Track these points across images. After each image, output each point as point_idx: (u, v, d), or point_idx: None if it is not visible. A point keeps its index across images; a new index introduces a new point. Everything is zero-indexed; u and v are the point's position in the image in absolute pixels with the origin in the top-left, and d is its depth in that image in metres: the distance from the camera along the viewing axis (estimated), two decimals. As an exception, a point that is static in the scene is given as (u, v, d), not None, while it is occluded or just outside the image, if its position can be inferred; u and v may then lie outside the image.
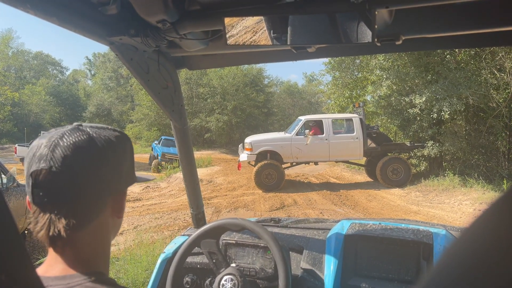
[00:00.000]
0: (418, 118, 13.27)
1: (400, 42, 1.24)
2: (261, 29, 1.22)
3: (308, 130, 12.35)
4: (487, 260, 0.24)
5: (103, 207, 0.75)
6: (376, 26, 1.08)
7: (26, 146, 18.96)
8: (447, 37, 1.31)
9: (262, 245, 1.73)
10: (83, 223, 0.72)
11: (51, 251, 0.73)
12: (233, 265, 1.63)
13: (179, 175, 13.69)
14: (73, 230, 0.70)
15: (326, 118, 12.74)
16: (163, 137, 21.82)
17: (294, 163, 12.91)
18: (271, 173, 11.84)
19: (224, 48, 1.46)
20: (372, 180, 13.48)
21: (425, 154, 13.00)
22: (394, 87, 14.04)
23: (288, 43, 1.16)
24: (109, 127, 0.79)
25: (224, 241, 1.81)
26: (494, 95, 11.94)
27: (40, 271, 0.71)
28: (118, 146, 0.76)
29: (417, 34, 1.26)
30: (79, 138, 0.71)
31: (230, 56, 1.68)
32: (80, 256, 0.73)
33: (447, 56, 12.71)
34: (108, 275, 0.77)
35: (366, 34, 1.11)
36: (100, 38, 1.27)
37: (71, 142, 0.70)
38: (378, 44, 1.24)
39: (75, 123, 0.77)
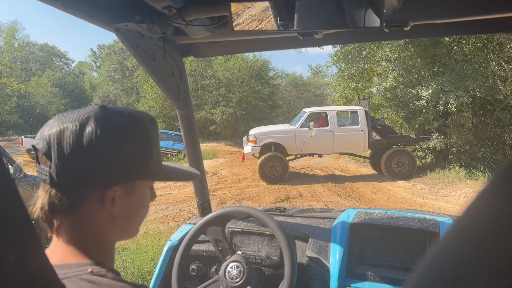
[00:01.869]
0: (424, 111, 13.19)
1: (409, 28, 1.22)
2: (267, 17, 1.21)
3: (312, 122, 12.31)
4: (484, 242, 0.23)
5: (87, 196, 0.70)
6: (384, 11, 1.06)
7: (33, 138, 19.08)
8: (457, 23, 1.29)
9: (267, 233, 1.73)
10: (65, 209, 0.70)
11: (53, 238, 0.74)
12: (239, 252, 1.64)
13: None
14: (56, 213, 0.70)
15: (331, 110, 12.70)
16: (160, 131, 21.89)
17: (298, 155, 12.90)
18: (275, 165, 11.84)
19: (230, 35, 1.45)
20: (376, 172, 13.44)
21: (430, 146, 12.93)
22: (400, 79, 13.94)
23: (295, 28, 1.15)
24: (118, 117, 0.72)
25: (230, 229, 1.81)
26: (502, 87, 11.82)
27: None
28: (108, 141, 0.70)
29: (426, 20, 1.24)
30: (75, 128, 0.69)
31: (236, 44, 1.67)
32: (76, 244, 0.72)
33: (454, 48, 12.57)
34: (110, 265, 0.74)
35: (374, 19, 1.09)
36: (105, 25, 1.26)
37: (62, 127, 0.69)
38: (386, 30, 1.22)
39: (99, 105, 0.75)
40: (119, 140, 0.70)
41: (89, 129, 0.68)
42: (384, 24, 1.11)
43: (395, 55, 13.86)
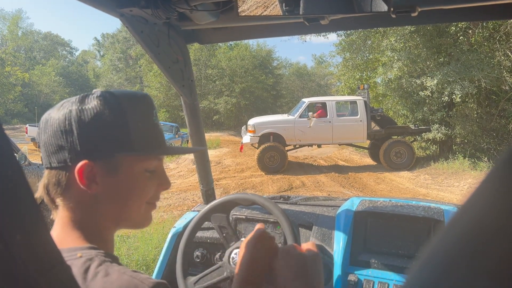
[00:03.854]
0: (427, 101, 13.11)
1: (416, 14, 1.20)
2: (272, 4, 1.20)
3: (311, 113, 12.24)
4: (488, 228, 0.23)
5: (70, 176, 0.72)
6: (392, -4, 1.05)
7: (37, 126, 19.13)
8: (465, 8, 1.27)
9: (272, 220, 1.73)
10: (59, 190, 0.73)
11: (55, 221, 0.76)
12: (243, 239, 1.64)
13: (188, 156, 13.73)
14: (53, 195, 0.74)
15: (330, 100, 12.61)
16: None
17: (297, 146, 12.85)
18: (273, 155, 11.81)
19: (235, 20, 1.43)
20: (376, 163, 13.41)
21: (431, 137, 12.87)
22: (405, 69, 13.84)
23: (301, 13, 1.14)
24: (102, 102, 0.74)
25: (234, 216, 1.82)
26: (507, 78, 11.72)
27: None
28: (77, 118, 0.72)
29: (434, 5, 1.22)
30: (58, 112, 0.75)
31: (241, 30, 1.65)
32: (70, 228, 0.73)
33: (460, 38, 12.45)
34: (107, 250, 0.74)
35: (381, 4, 1.08)
36: (110, 10, 1.25)
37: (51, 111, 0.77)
38: (393, 16, 1.20)
39: (97, 90, 0.78)
40: (88, 117, 0.72)
41: (65, 110, 0.73)
42: (392, 9, 1.10)
43: (400, 45, 13.74)
